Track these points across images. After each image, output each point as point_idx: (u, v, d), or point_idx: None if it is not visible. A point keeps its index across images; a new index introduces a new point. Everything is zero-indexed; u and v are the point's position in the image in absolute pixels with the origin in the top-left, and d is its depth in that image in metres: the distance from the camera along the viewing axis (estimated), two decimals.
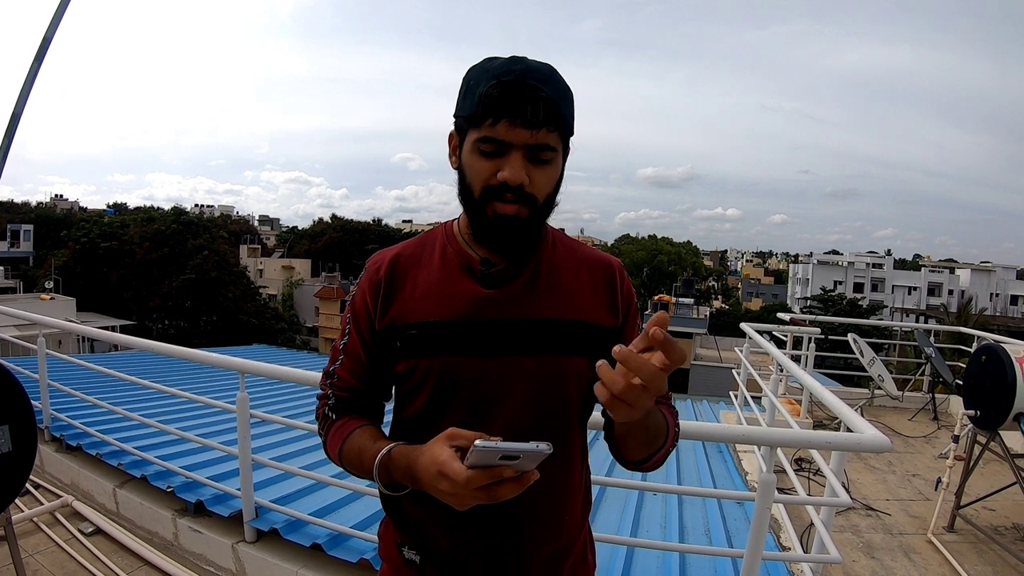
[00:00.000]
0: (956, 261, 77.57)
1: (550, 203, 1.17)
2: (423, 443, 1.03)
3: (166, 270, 36.81)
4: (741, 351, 6.19)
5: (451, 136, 1.18)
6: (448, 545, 1.23)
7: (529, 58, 1.11)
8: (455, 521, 1.11)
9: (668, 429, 1.21)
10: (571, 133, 1.15)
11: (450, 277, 1.21)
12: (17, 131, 3.50)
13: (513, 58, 1.09)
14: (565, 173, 1.19)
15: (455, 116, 1.15)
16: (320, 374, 1.35)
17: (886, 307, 46.27)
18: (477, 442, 0.91)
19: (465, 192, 1.15)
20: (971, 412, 4.17)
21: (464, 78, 1.13)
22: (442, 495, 0.98)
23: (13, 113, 3.40)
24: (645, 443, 1.17)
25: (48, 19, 3.36)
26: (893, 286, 59.28)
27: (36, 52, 3.33)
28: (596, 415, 1.42)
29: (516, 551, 1.23)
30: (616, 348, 0.87)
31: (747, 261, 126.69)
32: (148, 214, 47.06)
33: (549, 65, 1.11)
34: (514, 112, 1.05)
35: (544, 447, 0.91)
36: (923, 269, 65.93)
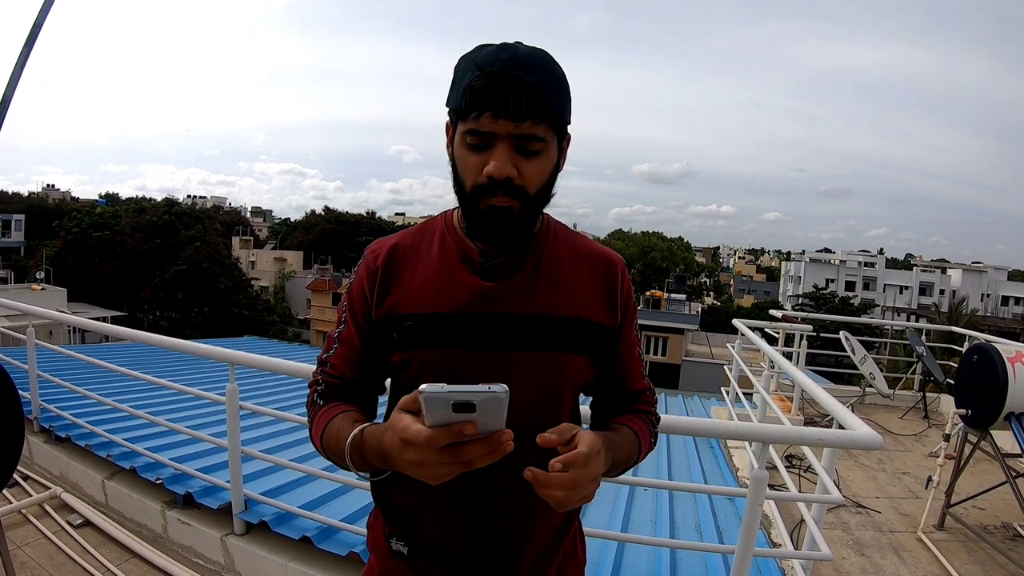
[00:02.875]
0: (948, 261, 77.79)
1: (544, 194, 1.15)
2: None
3: (158, 261, 36.60)
4: (733, 347, 6.20)
5: (447, 127, 1.16)
6: (437, 536, 1.22)
7: (522, 45, 1.08)
8: (445, 512, 1.11)
9: (639, 449, 1.22)
10: (565, 122, 1.12)
11: (449, 268, 1.19)
12: (7, 118, 3.47)
13: (502, 46, 1.06)
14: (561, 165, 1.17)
15: (446, 107, 1.13)
16: (310, 366, 1.34)
17: (878, 306, 46.54)
18: (423, 386, 0.86)
19: (458, 186, 1.14)
20: (962, 411, 4.18)
21: (455, 67, 1.11)
22: (412, 468, 0.94)
23: (2, 100, 3.37)
24: (612, 473, 1.18)
25: (39, 4, 3.33)
26: (885, 285, 59.57)
27: (26, 38, 3.30)
28: (584, 408, 1.42)
29: (506, 544, 1.22)
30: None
31: (740, 258, 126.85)
32: (140, 205, 46.77)
33: (541, 52, 1.08)
34: (497, 104, 1.03)
35: (499, 389, 0.87)
36: (915, 268, 66.25)
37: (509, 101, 1.03)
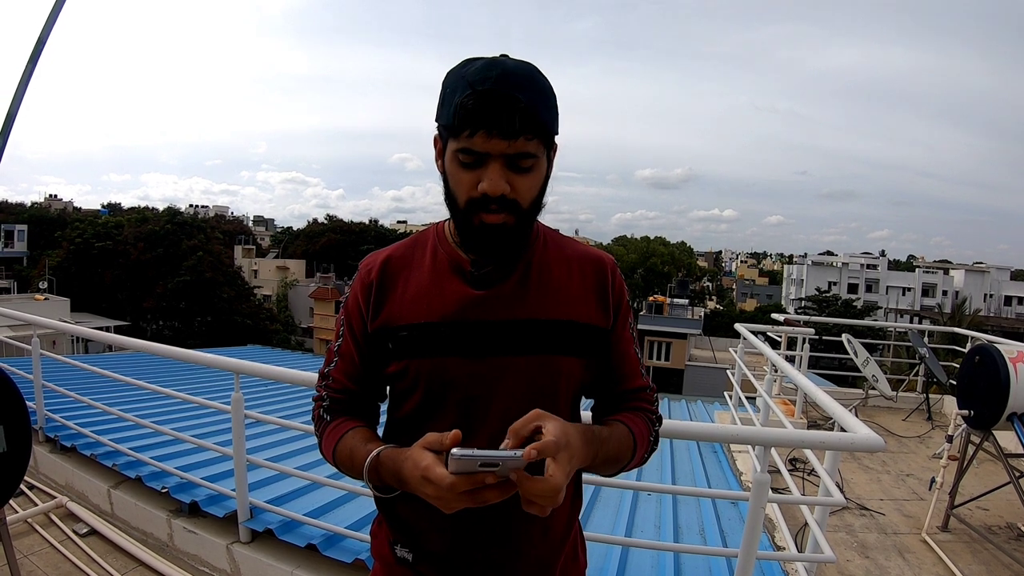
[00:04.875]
0: (950, 262, 77.66)
1: (535, 207, 1.16)
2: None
3: (160, 271, 36.72)
4: (735, 351, 6.20)
5: (436, 140, 1.17)
6: (440, 543, 1.24)
7: (509, 59, 1.09)
8: (447, 520, 1.12)
9: (634, 445, 1.22)
10: (554, 134, 1.13)
11: (440, 278, 1.21)
12: (13, 130, 3.50)
13: (490, 63, 1.07)
14: (557, 174, 1.18)
15: (436, 122, 1.14)
16: (315, 374, 1.36)
17: (880, 308, 46.39)
18: (454, 451, 0.92)
19: (450, 200, 1.15)
20: (965, 412, 4.18)
21: (443, 82, 1.12)
22: (429, 499, 0.99)
23: (9, 112, 3.40)
24: (606, 468, 1.20)
25: (44, 19, 3.36)
26: (887, 287, 59.48)
27: (32, 52, 3.33)
28: (585, 415, 1.43)
29: (508, 549, 1.23)
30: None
31: (742, 262, 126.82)
32: (142, 214, 46.90)
33: (528, 66, 1.09)
34: (490, 123, 1.03)
35: (523, 454, 0.92)
36: (917, 270, 66.10)
37: (502, 120, 1.03)
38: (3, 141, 3.48)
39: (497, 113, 1.03)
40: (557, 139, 1.16)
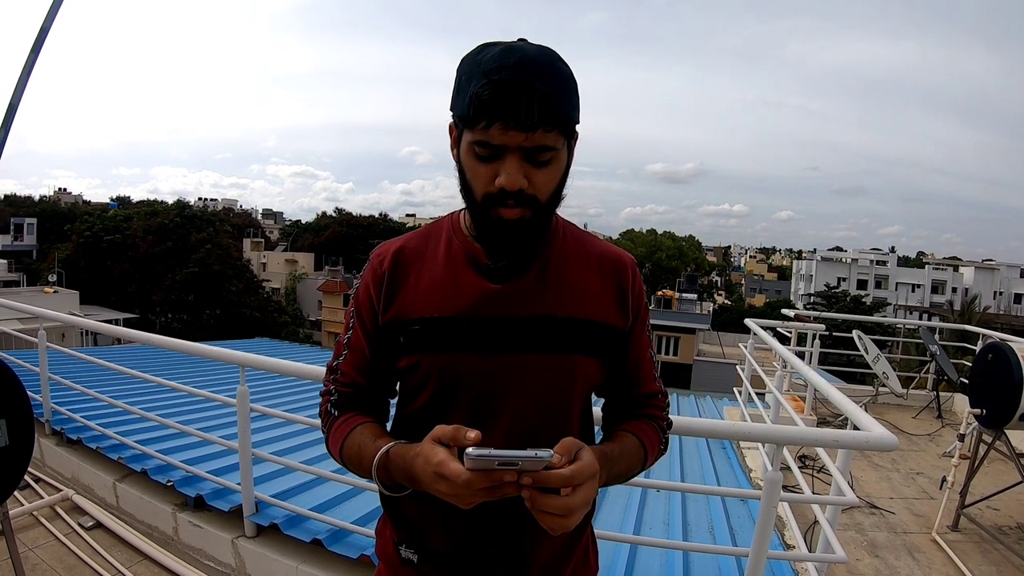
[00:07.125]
0: (960, 259, 77.29)
1: (554, 200, 1.12)
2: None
3: (169, 264, 36.76)
4: (745, 347, 6.16)
5: (451, 128, 1.12)
6: (446, 545, 1.21)
7: (527, 44, 1.04)
8: (454, 521, 1.09)
9: (644, 458, 1.22)
10: (575, 123, 1.08)
11: (455, 271, 1.17)
12: (15, 122, 3.49)
13: (507, 49, 1.01)
14: (572, 166, 1.13)
15: (451, 111, 1.10)
16: (321, 368, 1.33)
17: (890, 304, 46.25)
18: (470, 450, 0.88)
19: (467, 193, 1.11)
20: (977, 410, 4.13)
21: (457, 69, 1.07)
22: (443, 495, 0.96)
23: (10, 104, 3.38)
24: (617, 479, 1.19)
25: (46, 8, 3.35)
26: (897, 283, 59.27)
27: (33, 42, 3.31)
28: (596, 411, 1.40)
29: (515, 552, 1.20)
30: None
31: (751, 257, 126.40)
32: (151, 208, 46.95)
33: (548, 52, 1.04)
34: (507, 115, 0.98)
35: (544, 455, 0.88)
36: (927, 267, 65.76)
37: (520, 111, 0.98)
38: (5, 132, 3.47)
39: (514, 104, 0.98)
40: (577, 127, 1.10)
